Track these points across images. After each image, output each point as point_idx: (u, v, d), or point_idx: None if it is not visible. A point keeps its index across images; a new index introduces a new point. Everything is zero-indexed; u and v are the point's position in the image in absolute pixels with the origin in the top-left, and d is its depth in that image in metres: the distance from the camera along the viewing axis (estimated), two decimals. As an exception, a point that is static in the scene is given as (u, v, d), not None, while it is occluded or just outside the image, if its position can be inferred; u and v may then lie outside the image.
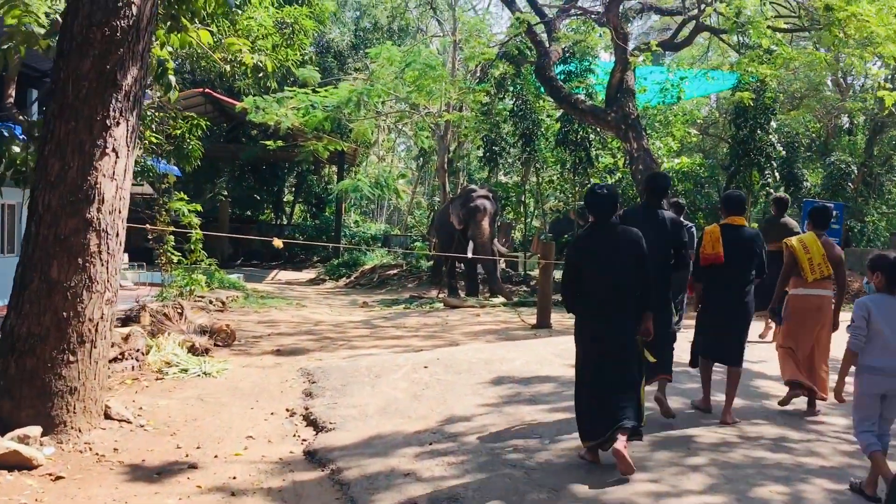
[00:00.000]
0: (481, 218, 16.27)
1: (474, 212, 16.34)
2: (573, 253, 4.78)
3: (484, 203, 16.52)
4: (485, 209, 16.42)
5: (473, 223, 16.30)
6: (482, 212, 16.31)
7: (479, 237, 16.31)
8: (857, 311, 4.05)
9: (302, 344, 9.54)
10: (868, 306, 4.03)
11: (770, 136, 17.01)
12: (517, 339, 9.83)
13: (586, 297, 4.60)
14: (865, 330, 4.00)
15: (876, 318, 3.99)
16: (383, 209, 45.20)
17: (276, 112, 21.61)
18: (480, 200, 16.52)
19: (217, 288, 14.91)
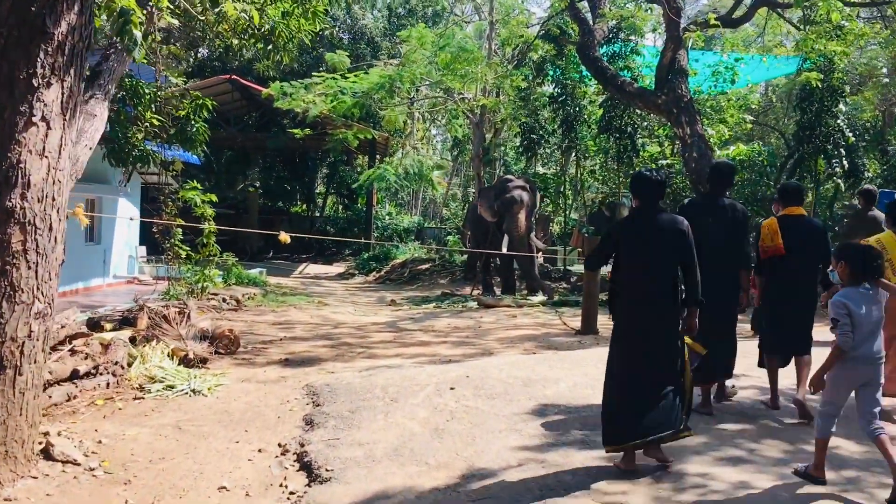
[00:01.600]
0: (518, 210, 15.04)
1: (510, 203, 15.11)
2: (614, 231, 4.61)
3: (521, 194, 15.28)
4: (521, 200, 15.18)
5: (509, 216, 15.08)
6: (519, 203, 15.08)
7: (514, 231, 15.09)
8: (837, 309, 4.06)
9: (316, 351, 8.42)
10: (845, 303, 4.06)
11: (838, 122, 15.46)
12: (560, 347, 8.60)
13: (622, 284, 4.41)
14: (850, 326, 4.01)
15: (853, 311, 4.02)
16: (418, 201, 44.11)
17: (304, 98, 20.59)
18: (517, 191, 15.28)
19: (235, 284, 13.89)
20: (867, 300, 4.06)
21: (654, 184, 4.39)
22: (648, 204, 4.40)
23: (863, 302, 4.05)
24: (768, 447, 4.63)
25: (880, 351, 4.08)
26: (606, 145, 19.80)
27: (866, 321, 4.03)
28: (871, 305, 4.07)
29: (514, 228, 15.07)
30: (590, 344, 8.90)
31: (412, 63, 20.26)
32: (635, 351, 4.25)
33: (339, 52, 22.90)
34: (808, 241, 5.44)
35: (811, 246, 5.45)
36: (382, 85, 19.43)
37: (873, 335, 4.05)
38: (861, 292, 4.08)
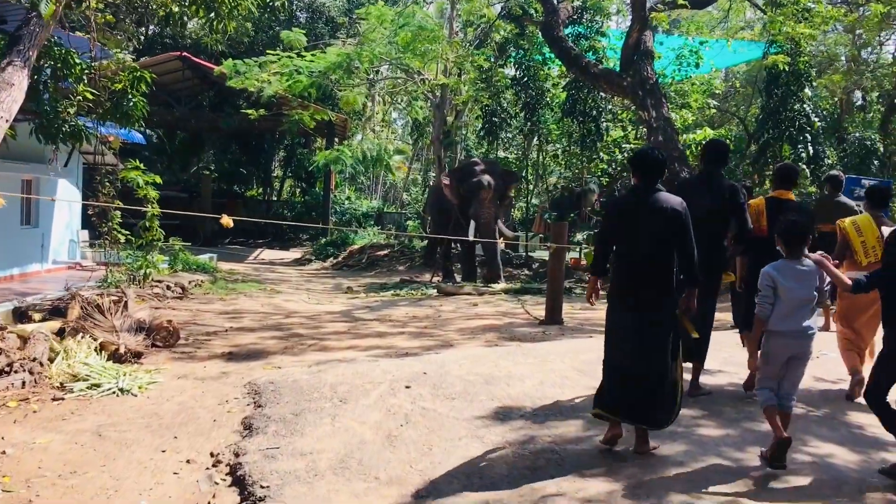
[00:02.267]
0: (485, 195, 14.53)
1: (476, 188, 14.59)
2: (609, 214, 4.66)
3: (488, 178, 14.77)
4: (489, 185, 14.68)
5: (476, 201, 14.56)
6: (486, 188, 14.56)
7: (481, 216, 14.58)
8: (763, 279, 4.16)
9: (263, 344, 7.85)
10: (772, 274, 4.14)
11: (804, 106, 15.22)
12: (524, 339, 8.14)
13: (618, 264, 4.39)
14: (772, 298, 4.12)
15: (779, 285, 4.09)
16: (378, 185, 43.40)
17: (258, 78, 19.82)
18: (484, 176, 14.77)
19: (182, 271, 13.18)
20: (798, 275, 4.09)
21: (657, 163, 4.37)
22: (648, 183, 4.33)
23: (793, 276, 4.09)
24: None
25: (810, 328, 4.09)
26: (570, 129, 19.39)
27: (791, 296, 4.07)
28: (802, 281, 4.08)
29: (480, 213, 14.57)
30: (555, 335, 8.46)
31: (371, 42, 19.59)
32: (630, 332, 4.22)
33: (295, 30, 22.07)
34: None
35: None
36: (340, 64, 18.74)
37: (800, 310, 4.08)
38: (795, 267, 4.12)
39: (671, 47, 19.19)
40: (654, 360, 4.15)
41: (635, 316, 4.20)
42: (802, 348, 4.12)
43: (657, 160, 4.38)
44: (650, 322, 4.18)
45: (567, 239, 9.92)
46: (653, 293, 4.20)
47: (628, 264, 4.29)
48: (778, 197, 5.61)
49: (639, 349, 4.16)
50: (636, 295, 4.22)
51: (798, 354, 4.12)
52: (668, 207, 4.22)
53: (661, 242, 4.22)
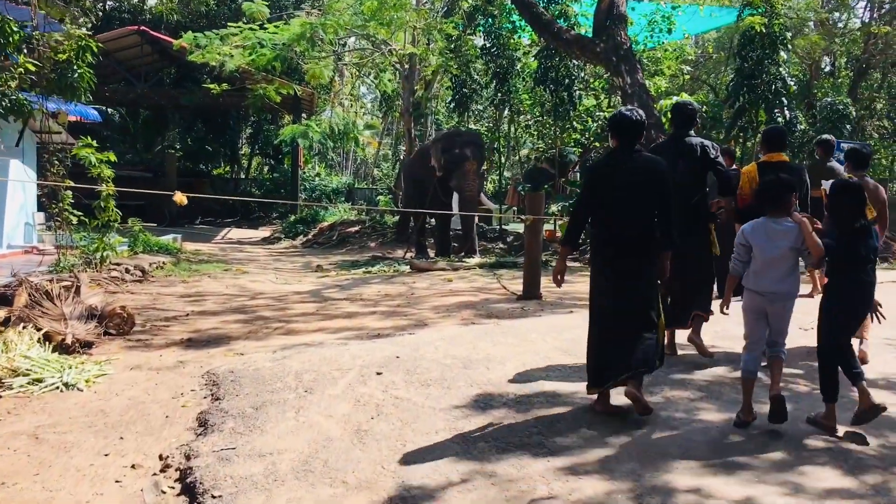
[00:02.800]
0: (470, 168, 14.07)
1: (461, 160, 14.09)
2: (589, 179, 4.55)
3: (473, 150, 14.33)
4: (474, 157, 14.25)
5: (459, 173, 14.09)
6: (470, 160, 14.10)
7: (467, 189, 14.13)
8: (738, 237, 4.17)
9: (225, 328, 7.38)
10: (745, 231, 4.12)
11: (780, 70, 14.89)
12: (502, 316, 7.76)
13: (601, 229, 4.35)
14: (745, 255, 4.11)
15: (752, 242, 4.07)
16: (349, 161, 42.70)
17: (219, 51, 19.09)
18: (469, 147, 14.31)
19: (143, 253, 12.61)
20: (772, 233, 4.02)
21: (634, 124, 4.30)
22: (627, 145, 4.30)
23: (766, 234, 4.03)
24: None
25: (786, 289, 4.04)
26: (542, 98, 18.94)
27: (763, 255, 4.02)
28: (776, 240, 4.01)
29: (465, 186, 14.13)
30: (534, 310, 8.09)
31: (336, 12, 18.95)
32: (613, 295, 4.22)
33: (257, 2, 21.30)
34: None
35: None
36: (303, 35, 18.07)
37: (773, 269, 4.02)
38: (770, 225, 4.05)
39: (643, 13, 18.77)
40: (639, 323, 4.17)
41: (618, 284, 4.20)
42: (776, 308, 4.06)
43: (636, 121, 4.31)
44: (633, 288, 4.20)
45: (543, 211, 9.52)
46: (634, 259, 4.20)
47: (609, 230, 4.26)
48: (770, 160, 5.52)
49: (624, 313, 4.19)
50: (618, 261, 4.22)
51: (773, 313, 4.07)
52: (649, 168, 4.23)
53: (643, 205, 4.20)
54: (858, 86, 27.11)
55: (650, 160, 4.31)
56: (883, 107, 28.89)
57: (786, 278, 4.04)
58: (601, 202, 4.28)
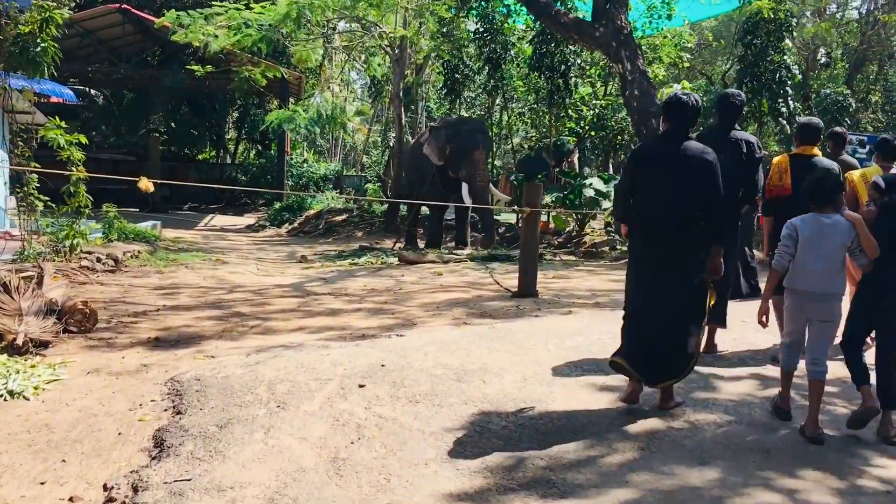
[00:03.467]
0: (479, 157, 13.48)
1: (471, 147, 13.46)
2: (633, 163, 4.27)
3: (481, 137, 13.77)
4: (483, 145, 13.69)
5: (469, 162, 13.46)
6: (479, 149, 13.52)
7: (478, 178, 13.51)
8: (785, 229, 3.97)
9: (198, 325, 6.83)
10: (795, 223, 3.94)
11: (785, 58, 14.38)
12: (496, 315, 7.24)
13: (641, 218, 4.15)
14: (792, 249, 3.90)
15: (801, 236, 3.88)
16: (338, 148, 42.00)
17: (203, 31, 18.38)
18: (478, 135, 13.74)
19: (118, 240, 12.00)
20: (823, 229, 3.85)
21: (690, 109, 4.11)
22: (678, 130, 4.11)
23: (817, 229, 3.85)
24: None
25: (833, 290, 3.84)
26: (537, 85, 18.39)
27: (811, 250, 3.84)
28: (827, 237, 3.83)
29: (477, 176, 13.50)
30: (530, 310, 7.56)
31: (324, -8, 18.28)
32: (648, 289, 4.04)
33: (243, -22, 20.58)
34: None
35: None
36: (289, 15, 17.40)
37: (820, 268, 3.84)
38: (821, 220, 3.87)
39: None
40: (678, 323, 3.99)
41: (659, 277, 4.02)
42: (821, 311, 3.85)
43: (692, 106, 4.12)
44: (670, 284, 3.99)
45: (541, 201, 9.00)
46: (679, 252, 4.00)
47: (652, 219, 4.06)
48: (802, 153, 5.35)
49: (663, 310, 3.99)
50: (660, 254, 4.02)
51: (818, 317, 3.86)
52: (698, 157, 4.00)
53: (690, 195, 3.99)
54: (854, 78, 26.70)
55: (700, 148, 4.06)
56: (878, 100, 28.54)
57: (834, 277, 3.85)
58: (644, 190, 4.09)
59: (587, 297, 8.76)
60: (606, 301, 8.36)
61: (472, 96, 26.82)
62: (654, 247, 4.06)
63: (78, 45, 23.27)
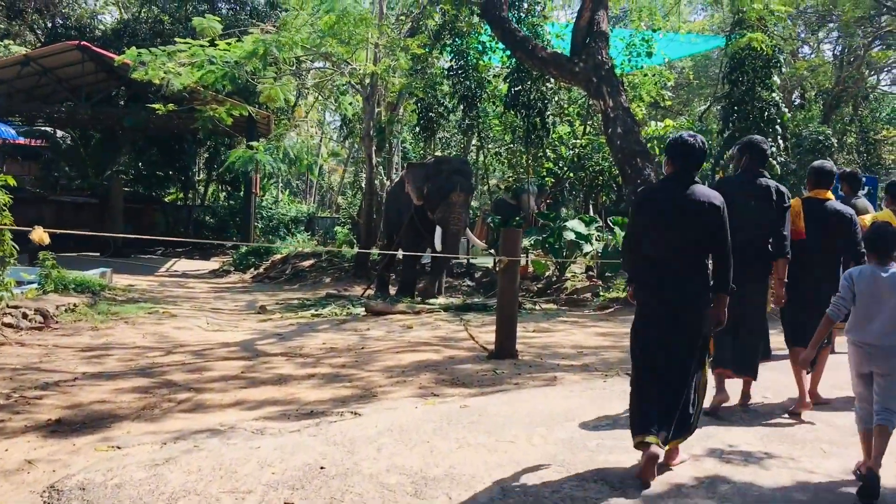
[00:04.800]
0: (457, 199, 12.56)
1: (447, 190, 12.58)
2: (636, 206, 4.12)
3: (460, 179, 12.85)
4: (462, 188, 12.78)
5: (445, 204, 12.57)
6: (457, 192, 12.61)
7: (451, 223, 12.58)
8: (843, 280, 3.88)
9: (116, 401, 5.74)
10: (853, 275, 3.85)
11: (773, 95, 13.69)
12: (469, 383, 6.23)
13: (644, 263, 3.98)
14: (849, 300, 3.80)
15: (857, 289, 3.77)
16: (313, 189, 41.08)
17: (164, 68, 17.46)
18: (456, 176, 12.83)
19: (54, 291, 10.87)
20: (880, 282, 3.71)
21: (696, 151, 3.95)
22: (684, 173, 3.95)
23: (874, 282, 3.73)
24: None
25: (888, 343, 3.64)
26: (513, 123, 17.62)
27: (867, 302, 3.73)
28: (884, 288, 3.69)
29: (452, 220, 12.57)
30: (509, 376, 6.56)
31: (292, 29, 17.47)
32: (656, 339, 3.87)
33: (208, 17, 19.76)
34: (830, 227, 5.21)
35: (833, 233, 5.21)
36: (255, 52, 16.54)
37: (879, 320, 3.68)
38: (879, 273, 3.74)
39: (619, 37, 17.65)
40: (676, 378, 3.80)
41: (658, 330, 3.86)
42: (880, 363, 3.68)
43: (697, 148, 3.93)
44: (674, 338, 3.82)
45: (520, 249, 8.06)
46: (678, 303, 3.84)
47: (656, 266, 3.92)
48: (815, 197, 5.33)
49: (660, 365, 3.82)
50: (660, 304, 3.87)
51: (877, 371, 3.69)
52: (705, 202, 3.83)
53: (696, 242, 3.86)
54: (830, 118, 26.39)
55: (706, 192, 3.90)
56: (853, 140, 28.30)
57: (893, 331, 3.65)
58: (648, 236, 3.93)
59: (573, 356, 7.79)
60: (595, 362, 7.40)
61: (448, 136, 26.11)
62: (660, 298, 3.88)
63: (36, 84, 22.29)
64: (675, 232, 3.86)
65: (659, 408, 3.76)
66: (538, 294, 14.84)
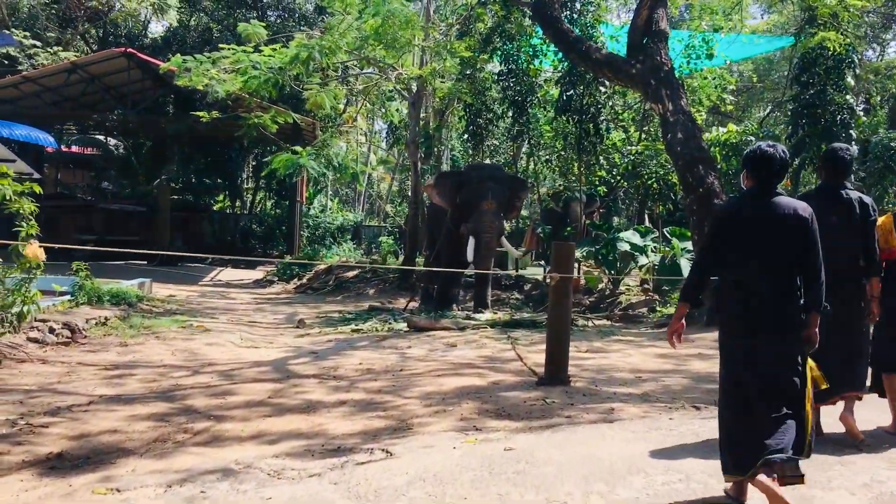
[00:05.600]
0: (487, 207, 12.00)
1: (477, 197, 12.07)
2: (718, 225, 3.78)
3: (491, 185, 12.28)
4: (494, 195, 12.20)
5: (477, 213, 12.04)
6: (488, 199, 12.04)
7: (483, 232, 12.03)
8: None
9: (127, 430, 5.23)
10: None
11: (846, 97, 12.74)
12: (516, 416, 5.57)
13: (730, 287, 3.67)
14: None
15: None
16: (363, 196, 40.78)
17: (207, 74, 17.19)
18: (488, 182, 12.27)
19: (87, 304, 10.53)
20: None
21: (778, 162, 3.65)
22: (767, 186, 3.65)
23: None
24: None
25: None
26: (565, 129, 16.89)
27: None
28: None
29: (482, 229, 12.04)
30: (560, 407, 5.88)
31: (337, 32, 17.05)
32: (748, 364, 3.55)
33: (254, 23, 19.48)
34: None
35: None
36: (298, 56, 16.14)
37: None
38: None
39: (678, 39, 16.82)
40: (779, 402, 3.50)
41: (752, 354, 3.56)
42: None
43: (779, 159, 3.67)
44: (771, 360, 3.55)
45: (573, 265, 7.37)
46: (771, 324, 3.57)
47: (740, 289, 3.65)
48: None
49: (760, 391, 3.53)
50: (752, 327, 3.59)
51: None
52: (792, 214, 3.61)
53: (784, 259, 3.61)
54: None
55: (794, 205, 3.63)
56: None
57: None
58: (731, 253, 3.68)
59: (631, 381, 7.08)
60: (656, 389, 6.68)
61: (497, 143, 25.49)
62: (747, 318, 3.60)
63: (84, 92, 22.32)
64: (763, 250, 3.60)
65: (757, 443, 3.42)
66: (591, 309, 14.09)
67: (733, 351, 3.65)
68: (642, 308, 13.47)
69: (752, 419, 3.51)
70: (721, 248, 3.71)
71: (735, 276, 3.67)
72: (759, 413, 3.50)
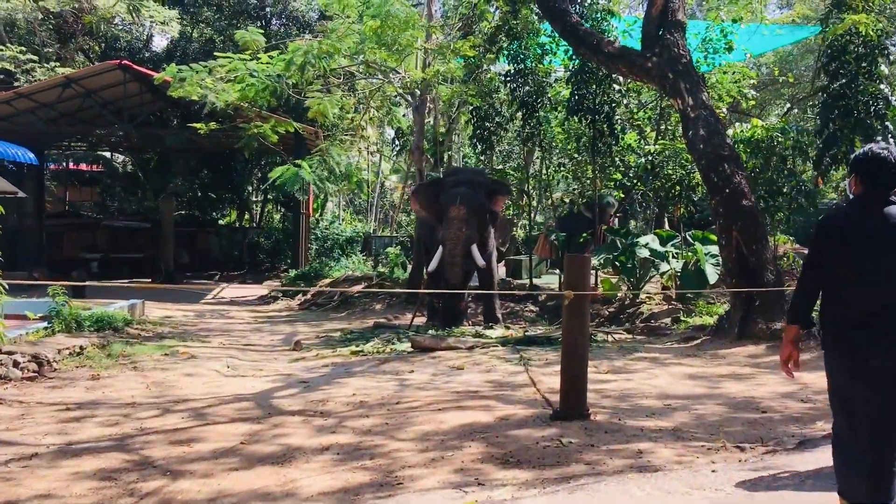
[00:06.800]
0: (454, 214, 11.29)
1: (445, 205, 11.42)
2: (824, 237, 3.36)
3: (461, 191, 11.51)
4: (462, 201, 11.42)
5: (445, 220, 11.37)
6: (456, 205, 11.32)
7: (447, 239, 11.41)
8: None
9: (63, 493, 4.39)
10: None
11: (881, 86, 11.77)
12: (526, 463, 4.70)
13: (840, 306, 3.28)
14: None
15: None
16: (375, 206, 39.99)
17: (201, 83, 16.45)
18: (459, 188, 11.53)
19: (63, 331, 9.73)
20: None
21: (890, 165, 3.23)
22: (879, 192, 3.26)
23: None
24: None
25: None
26: (578, 131, 15.99)
27: None
28: None
29: (446, 237, 11.43)
30: (577, 448, 4.99)
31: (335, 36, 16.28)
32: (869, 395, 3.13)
33: (251, 29, 18.72)
34: None
35: None
36: (293, 61, 15.36)
37: None
38: None
39: (694, 32, 15.87)
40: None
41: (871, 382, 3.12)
42: None
43: (892, 161, 3.22)
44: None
45: (589, 279, 6.49)
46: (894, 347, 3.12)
47: (853, 308, 3.20)
48: None
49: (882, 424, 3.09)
50: (871, 351, 3.13)
51: None
52: None
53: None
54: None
55: None
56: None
57: None
58: (841, 268, 3.26)
59: (660, 411, 6.18)
60: (689, 422, 5.78)
61: (507, 148, 24.61)
62: (863, 343, 3.18)
63: (80, 107, 21.64)
64: (880, 262, 3.18)
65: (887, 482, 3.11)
66: (610, 320, 13.17)
67: (844, 381, 3.28)
68: (665, 318, 12.55)
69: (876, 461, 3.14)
70: (827, 264, 3.33)
71: (844, 293, 3.28)
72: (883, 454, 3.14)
